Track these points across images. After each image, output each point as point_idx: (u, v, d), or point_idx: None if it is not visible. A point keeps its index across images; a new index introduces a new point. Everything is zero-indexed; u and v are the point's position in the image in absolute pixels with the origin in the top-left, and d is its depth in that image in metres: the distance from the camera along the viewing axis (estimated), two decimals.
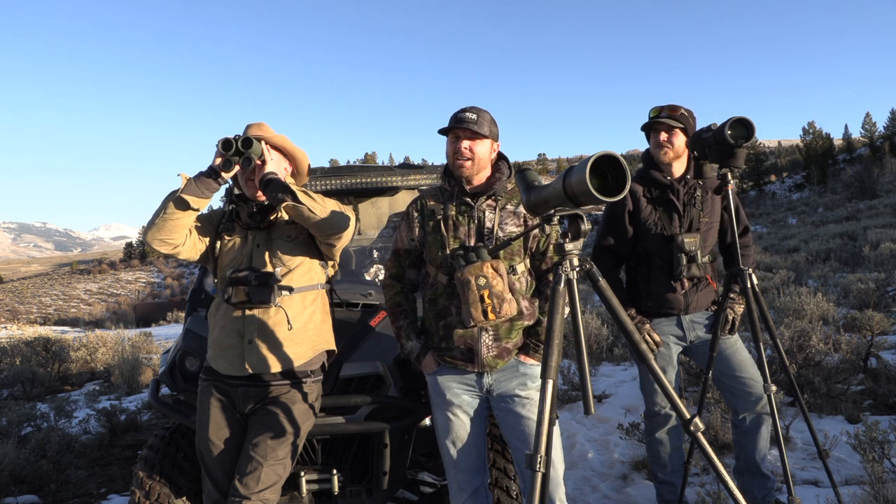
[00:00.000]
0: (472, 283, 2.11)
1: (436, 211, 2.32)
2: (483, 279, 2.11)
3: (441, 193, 2.37)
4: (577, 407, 4.98)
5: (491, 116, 2.28)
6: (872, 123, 53.39)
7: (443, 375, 2.30)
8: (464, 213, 2.29)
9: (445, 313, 2.27)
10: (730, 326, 2.70)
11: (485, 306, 2.11)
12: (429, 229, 2.33)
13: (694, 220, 2.72)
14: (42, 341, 8.47)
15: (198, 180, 2.13)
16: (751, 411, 2.73)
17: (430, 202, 2.36)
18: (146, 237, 2.19)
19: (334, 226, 2.24)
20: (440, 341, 2.30)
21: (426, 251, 2.35)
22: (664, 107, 2.72)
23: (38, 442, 4.25)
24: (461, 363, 2.26)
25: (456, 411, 2.29)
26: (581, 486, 3.51)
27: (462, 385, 2.29)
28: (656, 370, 1.73)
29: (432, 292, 2.32)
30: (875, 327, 5.19)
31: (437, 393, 2.32)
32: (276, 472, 2.17)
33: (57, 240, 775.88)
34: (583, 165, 1.47)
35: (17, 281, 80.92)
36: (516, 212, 2.30)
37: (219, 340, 2.28)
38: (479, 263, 2.13)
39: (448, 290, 2.26)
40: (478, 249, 2.17)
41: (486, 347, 2.23)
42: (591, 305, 9.39)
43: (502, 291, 2.12)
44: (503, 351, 2.24)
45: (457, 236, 2.26)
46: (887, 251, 10.78)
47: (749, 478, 2.79)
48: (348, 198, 3.83)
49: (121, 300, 54.95)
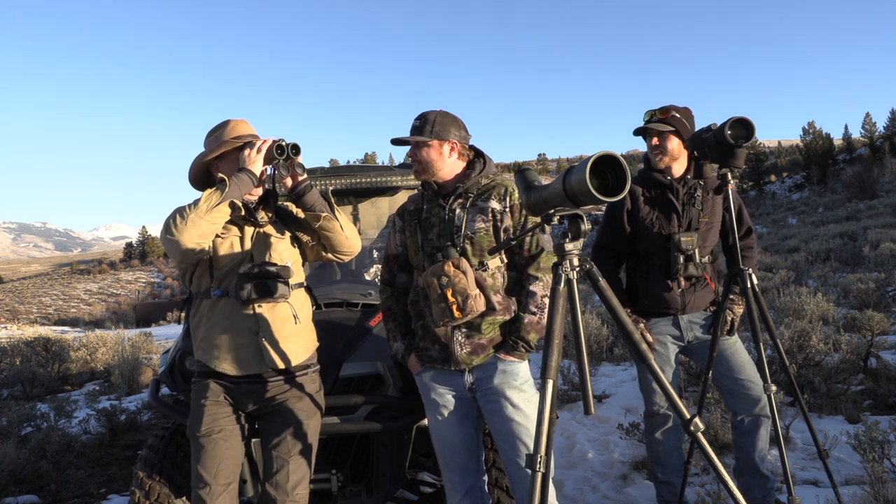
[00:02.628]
0: (434, 283, 2.15)
1: (413, 213, 2.38)
2: (445, 278, 2.13)
3: (421, 197, 2.41)
4: (577, 407, 4.97)
5: (440, 116, 2.25)
6: (872, 123, 53.41)
7: (427, 375, 2.32)
8: (436, 213, 2.32)
9: (422, 314, 2.31)
10: (729, 327, 2.70)
11: (449, 304, 2.12)
12: (408, 233, 2.37)
13: (693, 219, 2.72)
14: (42, 341, 8.48)
15: (238, 181, 2.11)
16: (749, 413, 2.73)
17: (411, 206, 2.41)
18: (178, 236, 2.06)
19: (352, 245, 2.36)
20: (419, 341, 2.33)
21: (409, 254, 2.39)
22: (656, 110, 2.72)
23: (38, 442, 4.25)
24: (438, 363, 2.28)
25: (442, 411, 2.31)
26: (581, 486, 3.51)
27: (445, 385, 2.30)
28: (656, 370, 1.73)
29: (413, 294, 2.37)
30: (875, 327, 5.18)
31: (424, 393, 2.35)
32: (302, 467, 2.20)
33: (57, 240, 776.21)
34: (583, 165, 1.47)
35: (17, 281, 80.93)
36: (483, 207, 2.27)
37: (224, 341, 2.23)
38: (441, 263, 2.16)
39: (424, 291, 2.29)
40: (446, 250, 2.20)
41: (458, 345, 2.22)
42: (591, 305, 9.39)
43: (465, 288, 2.12)
44: (477, 347, 2.23)
45: (429, 238, 2.29)
46: (887, 251, 10.78)
47: (749, 478, 2.79)
48: (348, 198, 3.83)
49: (121, 300, 54.97)
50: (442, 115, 2.27)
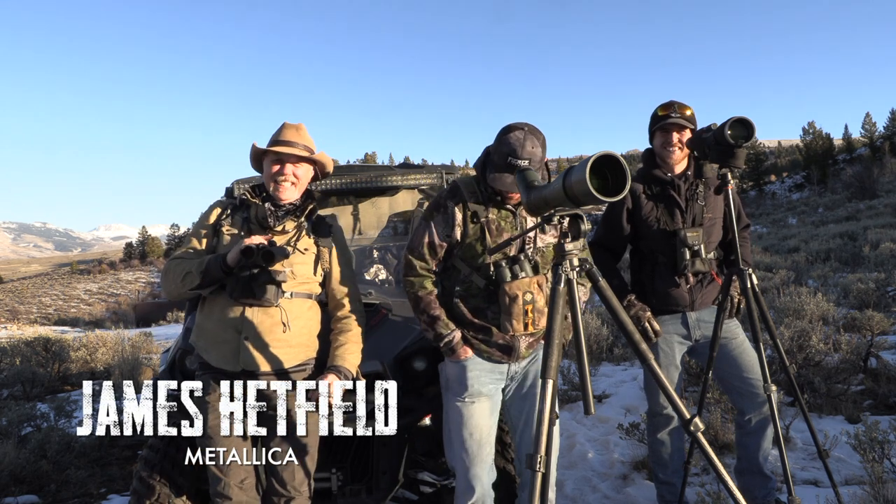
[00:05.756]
0: (519, 299, 2.17)
1: (479, 213, 2.28)
2: (529, 295, 2.18)
3: (480, 192, 2.30)
4: (577, 407, 4.97)
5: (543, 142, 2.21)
6: (872, 123, 53.42)
7: (474, 364, 2.30)
8: (506, 218, 2.29)
9: (480, 314, 2.29)
10: (734, 310, 2.68)
11: (526, 320, 2.19)
12: (471, 231, 2.28)
13: (697, 215, 2.71)
14: (42, 341, 8.46)
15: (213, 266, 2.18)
16: (757, 412, 2.72)
17: (472, 201, 2.29)
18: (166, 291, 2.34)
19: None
20: (477, 332, 2.30)
21: (462, 250, 2.31)
22: (675, 105, 2.69)
23: (38, 442, 4.25)
24: (498, 354, 2.30)
25: (481, 400, 2.30)
26: (581, 486, 3.51)
27: (492, 374, 2.32)
28: (656, 370, 1.73)
29: (464, 289, 2.31)
30: (875, 327, 5.18)
31: (460, 381, 2.30)
32: (305, 465, 2.24)
33: (57, 240, 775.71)
34: (583, 165, 1.47)
35: (17, 281, 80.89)
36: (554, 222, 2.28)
37: (213, 333, 2.26)
38: (528, 279, 2.18)
39: (484, 293, 2.27)
40: (521, 262, 2.19)
41: (523, 342, 2.30)
42: (592, 305, 9.39)
43: (543, 307, 2.18)
44: (534, 342, 2.35)
45: (498, 243, 2.25)
46: (887, 251, 10.78)
47: (750, 478, 2.79)
48: (348, 198, 3.83)
49: (121, 300, 54.97)
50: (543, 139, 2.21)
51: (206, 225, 2.37)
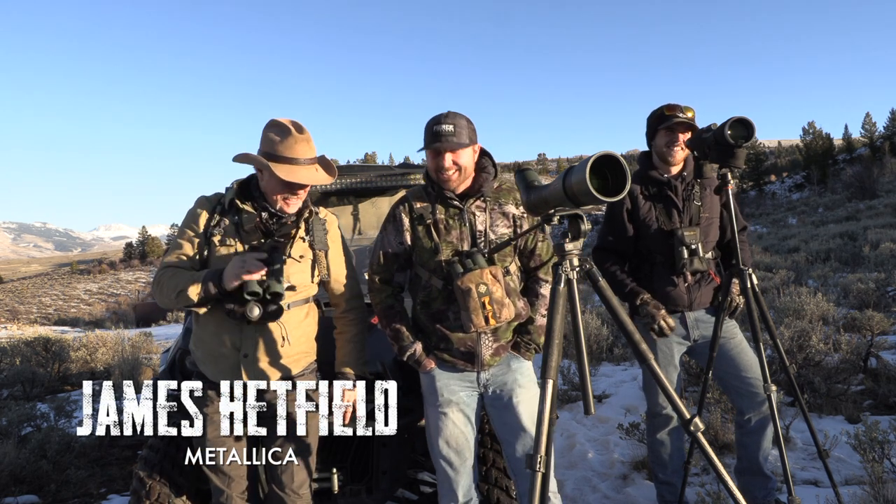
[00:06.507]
0: (472, 291, 2.11)
1: (424, 214, 2.27)
2: (483, 286, 2.11)
3: (427, 194, 2.31)
4: (577, 407, 4.97)
5: (467, 120, 2.20)
6: (872, 123, 53.41)
7: (441, 374, 2.30)
8: (454, 216, 2.26)
9: (441, 317, 2.27)
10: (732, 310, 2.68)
11: (486, 313, 2.12)
12: (420, 233, 2.28)
13: (694, 215, 2.72)
14: (42, 341, 8.46)
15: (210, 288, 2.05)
16: (757, 412, 2.72)
17: (418, 204, 2.30)
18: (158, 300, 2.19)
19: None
20: (438, 342, 2.30)
21: (416, 255, 2.31)
22: (680, 106, 2.70)
23: (38, 442, 4.24)
24: (461, 363, 2.27)
25: (453, 409, 2.29)
26: (581, 486, 3.51)
27: (461, 382, 2.30)
28: (656, 370, 1.73)
29: (425, 295, 2.31)
30: (875, 327, 5.18)
31: (433, 391, 2.32)
32: (305, 467, 2.24)
33: (57, 240, 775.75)
34: (583, 165, 1.47)
35: (17, 281, 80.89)
36: (504, 211, 2.29)
37: (210, 347, 2.22)
38: (479, 271, 2.12)
39: (444, 294, 2.25)
40: (474, 255, 2.16)
41: (486, 348, 2.25)
42: (591, 305, 9.39)
43: (502, 297, 2.13)
44: (500, 349, 2.29)
45: (449, 240, 2.24)
46: (887, 251, 10.78)
47: (750, 478, 2.79)
48: (348, 198, 3.83)
49: (121, 300, 54.98)
50: (466, 119, 2.20)
51: (196, 229, 2.22)
